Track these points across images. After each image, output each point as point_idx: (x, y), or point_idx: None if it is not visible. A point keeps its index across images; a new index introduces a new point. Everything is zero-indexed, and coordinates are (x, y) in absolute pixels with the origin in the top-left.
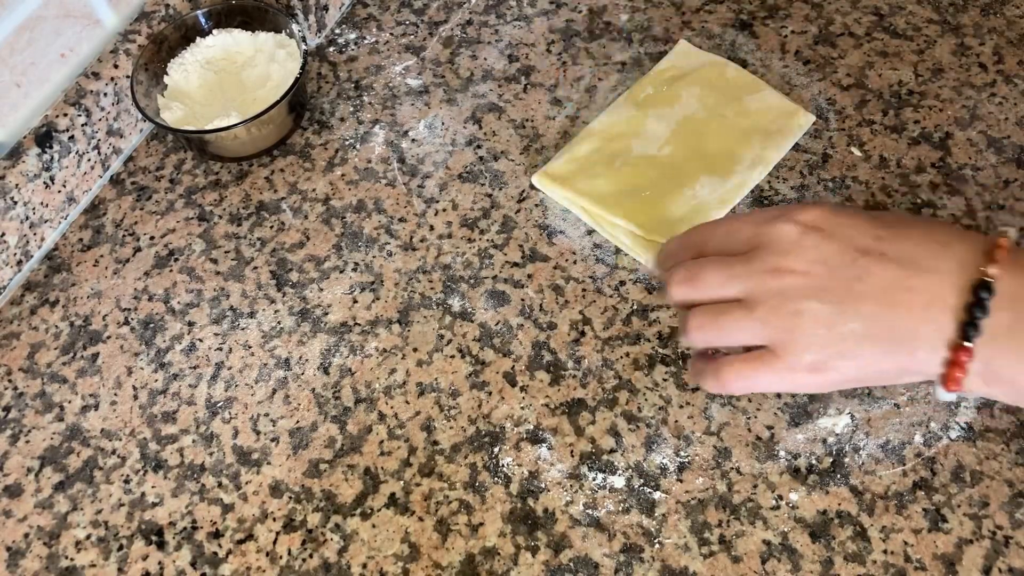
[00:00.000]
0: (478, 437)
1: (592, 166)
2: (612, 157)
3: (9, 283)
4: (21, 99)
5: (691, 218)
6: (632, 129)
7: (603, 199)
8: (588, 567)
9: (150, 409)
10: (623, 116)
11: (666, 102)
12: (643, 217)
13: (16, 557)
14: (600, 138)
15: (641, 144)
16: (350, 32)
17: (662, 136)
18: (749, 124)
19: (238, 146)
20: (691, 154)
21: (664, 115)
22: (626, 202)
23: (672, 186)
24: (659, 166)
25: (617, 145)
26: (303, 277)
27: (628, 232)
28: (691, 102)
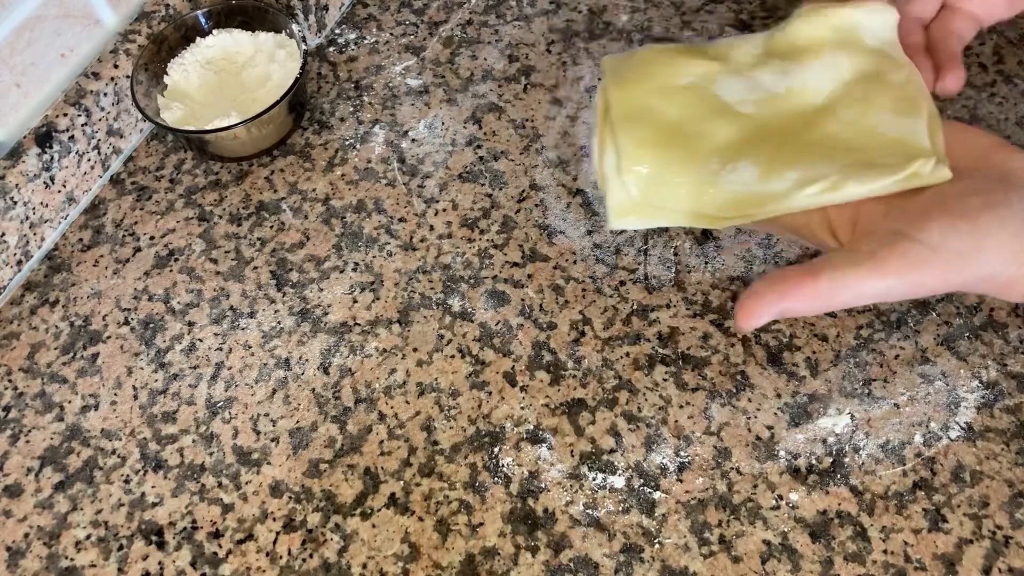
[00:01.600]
0: (478, 437)
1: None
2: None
3: (9, 283)
4: (21, 99)
5: (681, 202)
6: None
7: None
8: (588, 567)
9: (150, 409)
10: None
11: (774, 63)
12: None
13: (16, 557)
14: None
15: (720, 83)
16: (350, 32)
17: (749, 92)
18: (854, 135)
19: (238, 146)
20: (769, 124)
21: (749, 78)
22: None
23: (714, 151)
24: (722, 118)
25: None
26: (303, 277)
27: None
28: (816, 74)
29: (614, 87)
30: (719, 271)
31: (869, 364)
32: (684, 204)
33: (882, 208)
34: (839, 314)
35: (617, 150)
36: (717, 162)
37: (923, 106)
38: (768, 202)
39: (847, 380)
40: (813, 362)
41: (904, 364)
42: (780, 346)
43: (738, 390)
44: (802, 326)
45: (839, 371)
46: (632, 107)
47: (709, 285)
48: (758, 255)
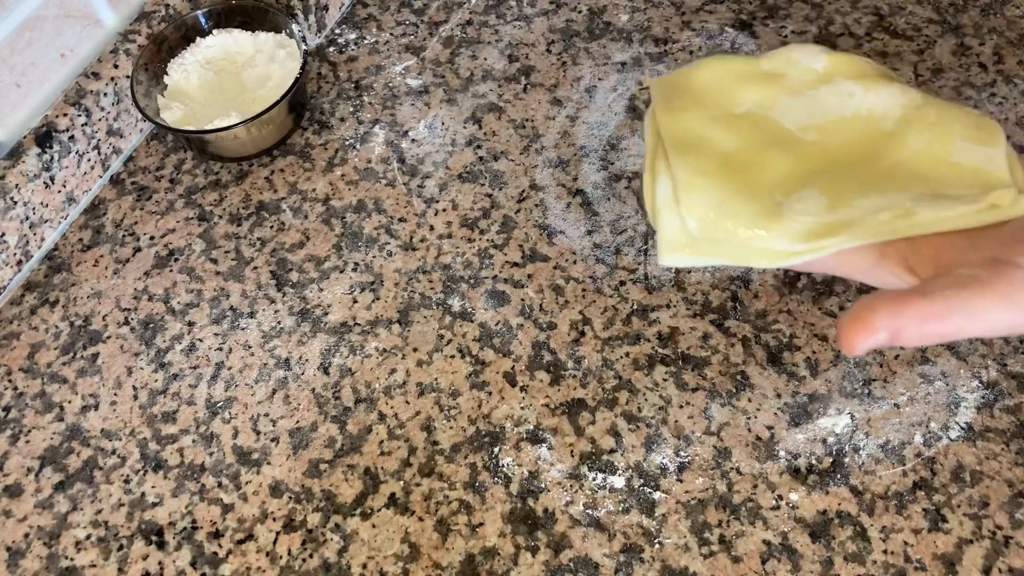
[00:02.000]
0: (478, 437)
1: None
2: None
3: (9, 283)
4: (21, 99)
5: (743, 236)
6: (761, 95)
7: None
8: (588, 567)
9: (150, 409)
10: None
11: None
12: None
13: (16, 557)
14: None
15: (778, 107)
16: (350, 32)
17: (811, 117)
18: (928, 163)
19: (238, 146)
20: (835, 152)
21: (810, 100)
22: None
23: (776, 181)
24: (783, 146)
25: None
26: (303, 277)
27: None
28: (884, 98)
29: (665, 114)
30: (719, 271)
31: (869, 364)
32: (746, 240)
33: (965, 241)
34: (839, 314)
35: (673, 180)
36: (781, 192)
37: (999, 135)
38: (839, 232)
39: (847, 380)
40: (813, 362)
41: (904, 364)
42: (780, 346)
43: (738, 390)
44: (802, 326)
45: (839, 371)
46: (686, 136)
47: (709, 285)
48: None
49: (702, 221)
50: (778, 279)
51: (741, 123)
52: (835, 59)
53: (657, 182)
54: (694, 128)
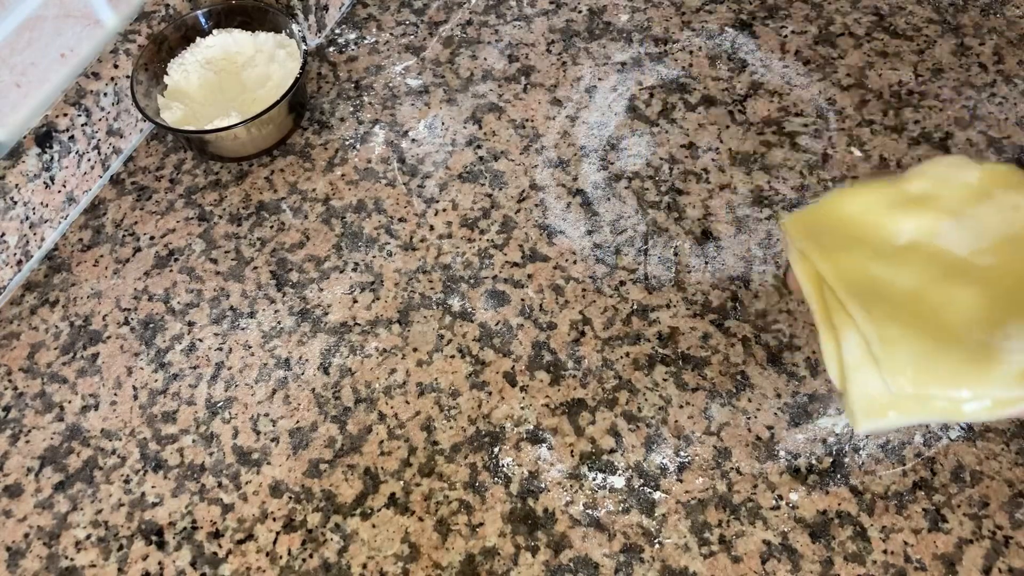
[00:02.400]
0: (478, 437)
1: (855, 233)
2: (884, 233)
3: (9, 283)
4: (21, 99)
5: (960, 386)
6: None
7: (857, 287)
8: (588, 567)
9: (150, 409)
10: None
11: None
12: (901, 339)
13: (16, 557)
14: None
15: (943, 233)
16: (350, 32)
17: (980, 238)
18: None
19: (238, 146)
20: (1019, 273)
21: (974, 220)
22: (887, 307)
23: (971, 318)
24: (963, 276)
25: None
26: (303, 277)
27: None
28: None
29: (824, 259)
30: (719, 271)
31: None
32: (964, 387)
33: None
34: None
35: (863, 334)
36: (981, 330)
37: None
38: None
39: None
40: (813, 362)
41: None
42: (780, 346)
43: (738, 390)
44: (802, 326)
45: None
46: (857, 279)
47: (709, 285)
48: (758, 255)
49: (909, 379)
50: (778, 279)
51: (909, 256)
52: (987, 170)
53: (843, 339)
54: (861, 269)
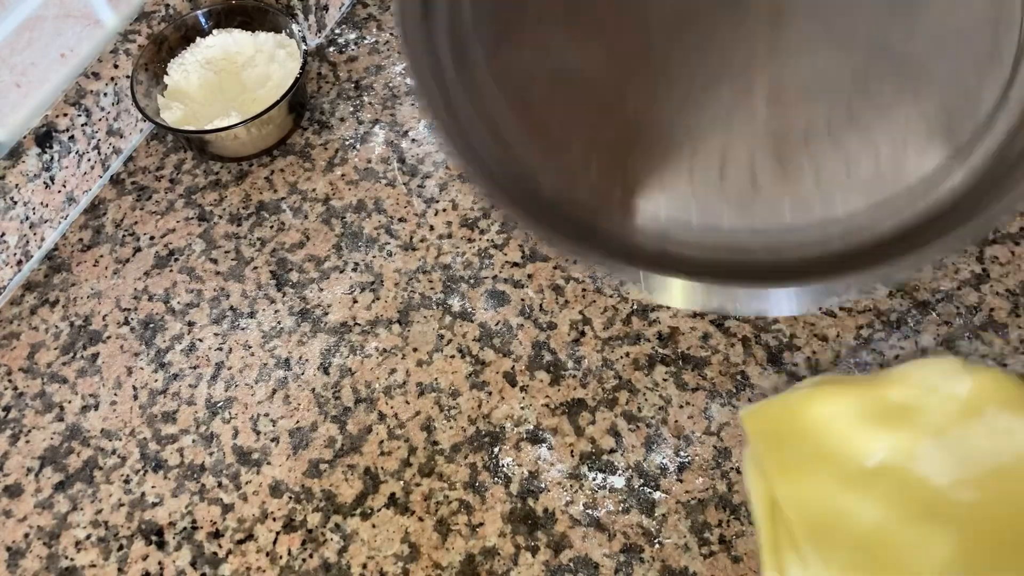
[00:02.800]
0: (478, 437)
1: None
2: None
3: (9, 283)
4: (21, 99)
5: None
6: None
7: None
8: (588, 567)
9: (150, 409)
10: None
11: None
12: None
13: (16, 557)
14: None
15: (922, 457)
16: (350, 32)
17: (964, 467)
18: None
19: (238, 146)
20: (999, 518)
21: (959, 443)
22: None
23: (942, 568)
24: (938, 514)
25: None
26: (303, 277)
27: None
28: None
29: (783, 481)
30: None
31: (869, 364)
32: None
33: None
34: (839, 314)
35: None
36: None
37: None
38: None
39: None
40: (813, 362)
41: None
42: (780, 346)
43: (738, 390)
44: (802, 326)
45: (839, 371)
46: (814, 510)
47: None
48: None
49: None
50: None
51: (877, 483)
52: (980, 380)
53: (783, 568)
54: (820, 496)
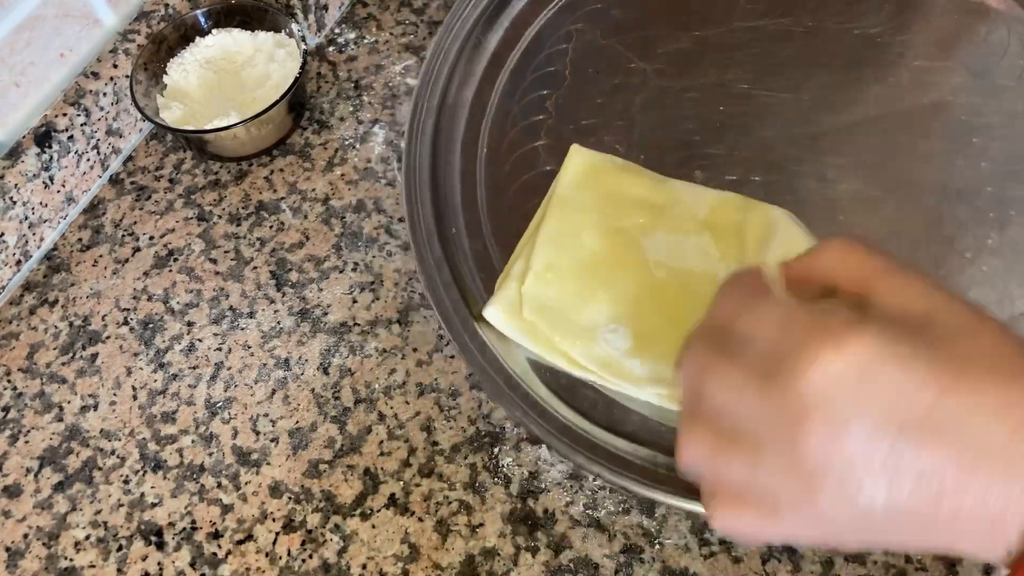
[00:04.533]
0: (478, 437)
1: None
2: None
3: (8, 283)
4: (20, 99)
5: (555, 336)
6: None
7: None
8: (588, 568)
9: (149, 409)
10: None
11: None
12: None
13: (15, 557)
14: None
15: (652, 235)
16: (350, 32)
17: (668, 258)
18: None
19: (238, 146)
20: (667, 296)
21: (687, 247)
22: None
23: (610, 297)
24: (634, 271)
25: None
26: (303, 277)
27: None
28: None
29: (557, 205)
30: None
31: None
32: (559, 339)
33: None
34: None
35: (529, 263)
36: (604, 315)
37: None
38: (623, 380)
39: None
40: None
41: None
42: None
43: None
44: None
45: None
46: (564, 228)
47: None
48: None
49: (530, 308)
50: None
51: (614, 236)
52: (716, 205)
53: (520, 252)
54: (574, 223)
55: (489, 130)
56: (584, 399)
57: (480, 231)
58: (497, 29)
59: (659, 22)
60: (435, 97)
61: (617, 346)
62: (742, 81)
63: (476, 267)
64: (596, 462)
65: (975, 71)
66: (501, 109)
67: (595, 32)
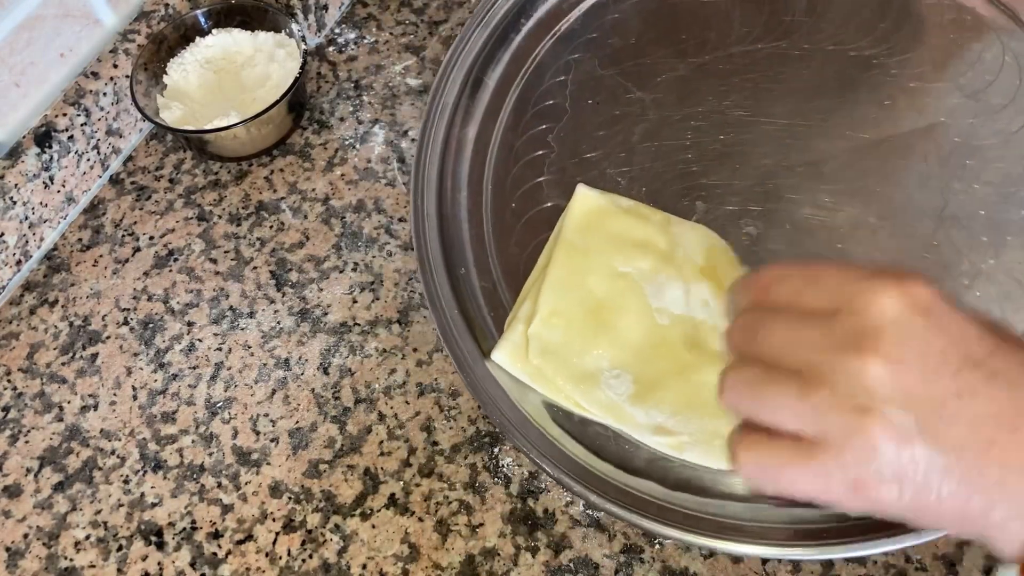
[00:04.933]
0: (478, 437)
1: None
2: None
3: (8, 283)
4: (20, 99)
5: (559, 379)
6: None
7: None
8: (588, 568)
9: (149, 409)
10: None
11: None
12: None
13: (15, 557)
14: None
15: (653, 281)
16: (350, 32)
17: (672, 305)
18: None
19: (238, 146)
20: (670, 346)
21: (689, 295)
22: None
23: (615, 343)
24: (638, 317)
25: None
26: (303, 277)
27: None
28: None
29: (563, 249)
30: None
31: None
32: (562, 382)
33: None
34: None
35: (535, 307)
36: (607, 360)
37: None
38: (626, 425)
39: None
40: None
41: None
42: None
43: None
44: None
45: None
46: (570, 273)
47: None
48: None
49: (536, 351)
50: None
51: (618, 281)
52: (712, 260)
53: (528, 293)
54: (580, 267)
55: (494, 167)
56: (596, 436)
57: (489, 269)
58: (496, 65)
59: (656, 49)
60: (439, 137)
61: (620, 392)
62: (740, 108)
63: (487, 305)
64: (609, 499)
65: (969, 92)
66: (504, 145)
67: (593, 62)
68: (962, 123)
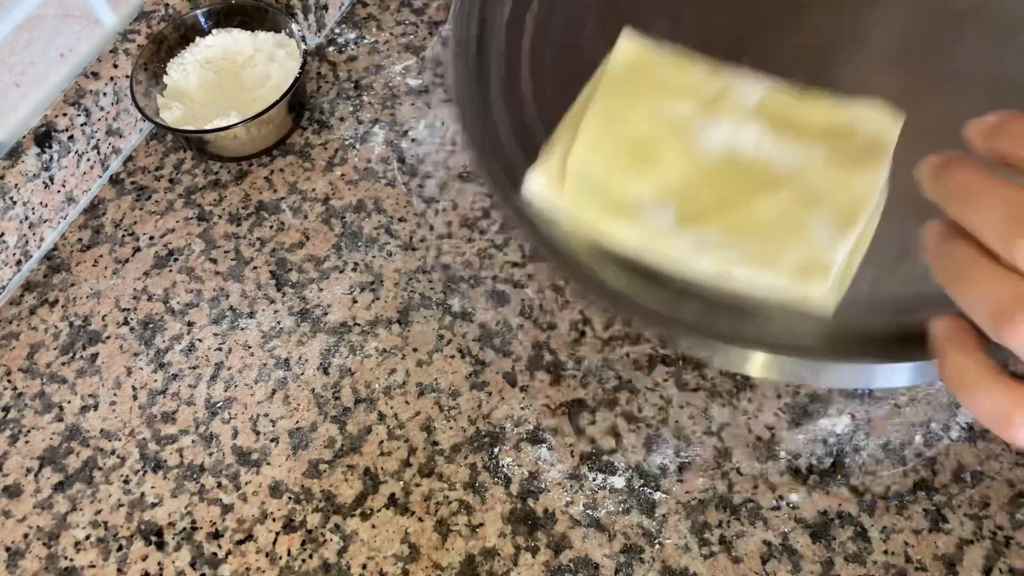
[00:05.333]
0: (478, 437)
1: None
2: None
3: (8, 283)
4: (20, 99)
5: (597, 208)
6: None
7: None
8: (588, 568)
9: (149, 409)
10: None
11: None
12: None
13: (15, 557)
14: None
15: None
16: (350, 32)
17: (719, 144)
18: (781, 221)
19: (238, 146)
20: (719, 179)
21: (738, 136)
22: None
23: (659, 176)
24: (684, 152)
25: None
26: (303, 277)
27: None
28: (789, 157)
29: (605, 89)
30: None
31: None
32: (599, 212)
33: None
34: None
35: (576, 136)
36: (650, 192)
37: (857, 225)
38: (667, 250)
39: None
40: None
41: None
42: None
43: (738, 390)
44: None
45: None
46: (612, 110)
47: None
48: None
49: (574, 182)
50: None
51: (663, 122)
52: (768, 98)
53: (570, 120)
54: (622, 110)
55: (536, 16)
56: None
57: (522, 112)
58: None
59: None
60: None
61: (661, 222)
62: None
63: (519, 146)
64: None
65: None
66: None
67: None
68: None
